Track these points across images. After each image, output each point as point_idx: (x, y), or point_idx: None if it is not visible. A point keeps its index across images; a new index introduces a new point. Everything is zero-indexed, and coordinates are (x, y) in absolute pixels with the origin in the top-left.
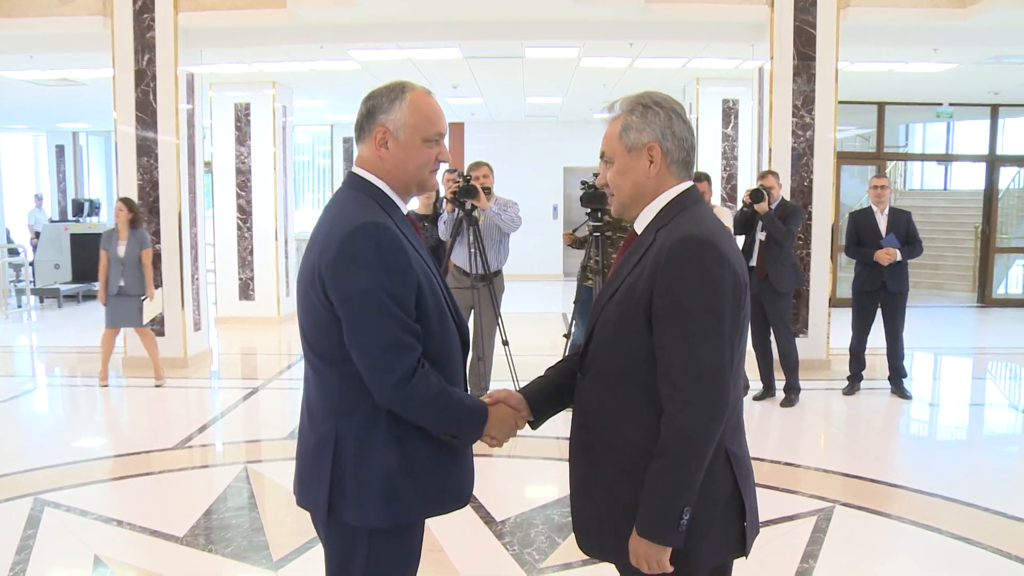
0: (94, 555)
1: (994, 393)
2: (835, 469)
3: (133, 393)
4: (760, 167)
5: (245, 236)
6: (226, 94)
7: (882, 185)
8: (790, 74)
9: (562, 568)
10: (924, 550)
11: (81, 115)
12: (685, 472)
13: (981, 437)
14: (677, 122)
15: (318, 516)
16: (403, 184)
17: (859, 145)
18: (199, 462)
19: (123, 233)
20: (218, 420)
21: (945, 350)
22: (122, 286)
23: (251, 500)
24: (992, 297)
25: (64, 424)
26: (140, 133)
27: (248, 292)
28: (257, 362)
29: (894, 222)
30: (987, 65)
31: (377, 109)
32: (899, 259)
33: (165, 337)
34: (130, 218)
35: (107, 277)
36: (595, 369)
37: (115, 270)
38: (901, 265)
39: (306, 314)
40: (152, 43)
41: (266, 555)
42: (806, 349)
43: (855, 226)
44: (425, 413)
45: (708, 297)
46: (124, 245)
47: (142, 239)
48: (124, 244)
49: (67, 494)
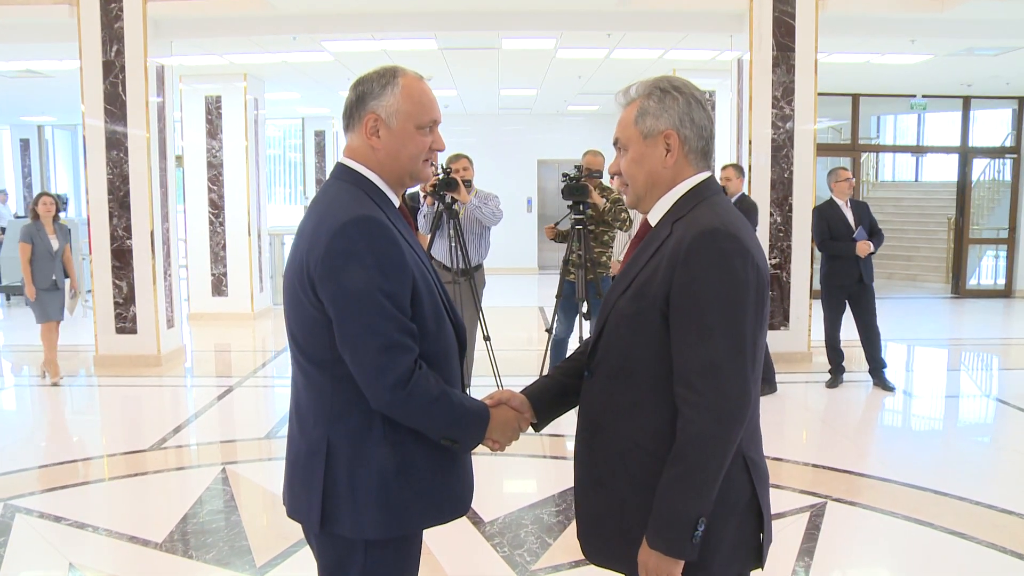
0: (69, 562)
1: (969, 384)
2: (823, 463)
3: (105, 393)
4: (739, 159)
5: (217, 231)
6: (197, 86)
7: (851, 178)
8: (770, 65)
9: (553, 570)
10: (919, 546)
11: (47, 108)
12: (701, 480)
13: (960, 428)
14: (697, 109)
15: (310, 528)
16: (396, 175)
17: (831, 137)
18: (175, 464)
19: (50, 227)
20: (193, 420)
21: (920, 341)
22: (54, 279)
23: (231, 503)
24: (966, 288)
25: (33, 426)
26: (109, 126)
27: (221, 288)
28: (232, 359)
29: (858, 214)
30: (960, 57)
31: (367, 95)
32: (872, 251)
33: (137, 335)
34: (55, 212)
35: (32, 271)
36: (604, 368)
37: (47, 264)
38: (870, 257)
39: (294, 314)
40: (120, 33)
41: (249, 560)
42: (787, 342)
43: (825, 220)
44: (424, 417)
45: (729, 294)
46: (55, 239)
47: (67, 232)
48: (55, 238)
49: (39, 499)
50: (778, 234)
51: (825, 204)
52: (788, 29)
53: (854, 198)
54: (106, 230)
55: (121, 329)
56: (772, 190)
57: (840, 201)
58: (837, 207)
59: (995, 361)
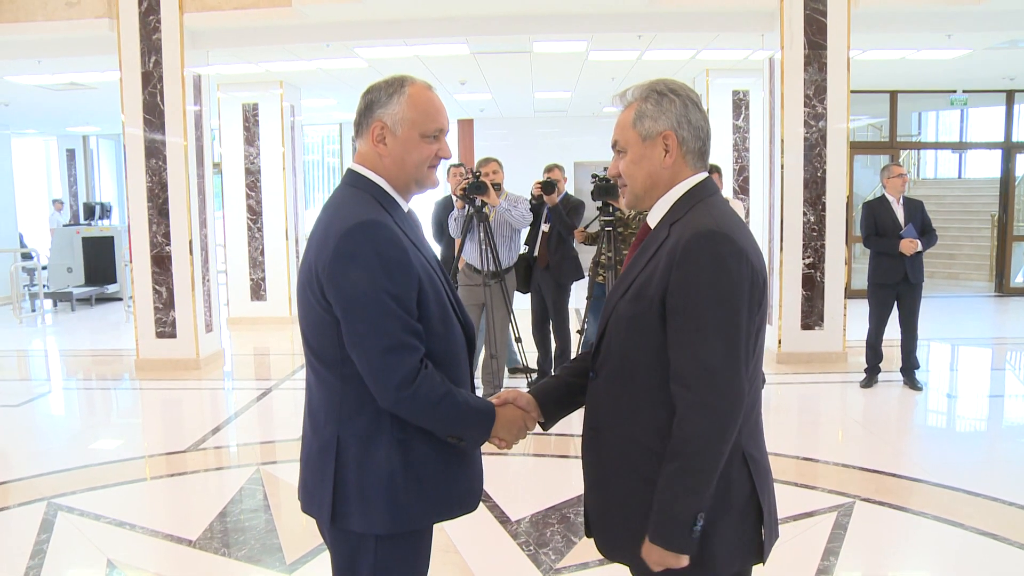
0: (107, 559)
1: (1014, 384)
2: (854, 463)
3: (147, 395)
4: (772, 158)
5: (256, 236)
6: (234, 94)
7: (904, 174)
8: (801, 63)
9: (579, 568)
10: (948, 546)
11: (90, 118)
12: (698, 476)
13: (1002, 429)
14: (693, 110)
15: (323, 523)
16: (403, 181)
17: (871, 135)
18: (212, 464)
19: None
20: (231, 421)
21: (963, 340)
22: None
23: (264, 502)
24: (1010, 286)
25: (77, 428)
26: (148, 135)
27: (260, 292)
28: (270, 362)
29: (910, 211)
30: (1002, 50)
31: (375, 104)
32: (920, 249)
33: (177, 339)
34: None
35: None
36: (608, 368)
37: None
38: (919, 255)
39: (305, 315)
40: (158, 45)
41: (279, 558)
42: (822, 341)
43: (873, 216)
44: (430, 416)
45: (724, 293)
46: None
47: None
48: None
49: (80, 498)
50: (811, 233)
51: (876, 200)
52: (820, 27)
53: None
54: (146, 236)
55: (161, 334)
56: (805, 189)
57: (892, 197)
58: (887, 203)
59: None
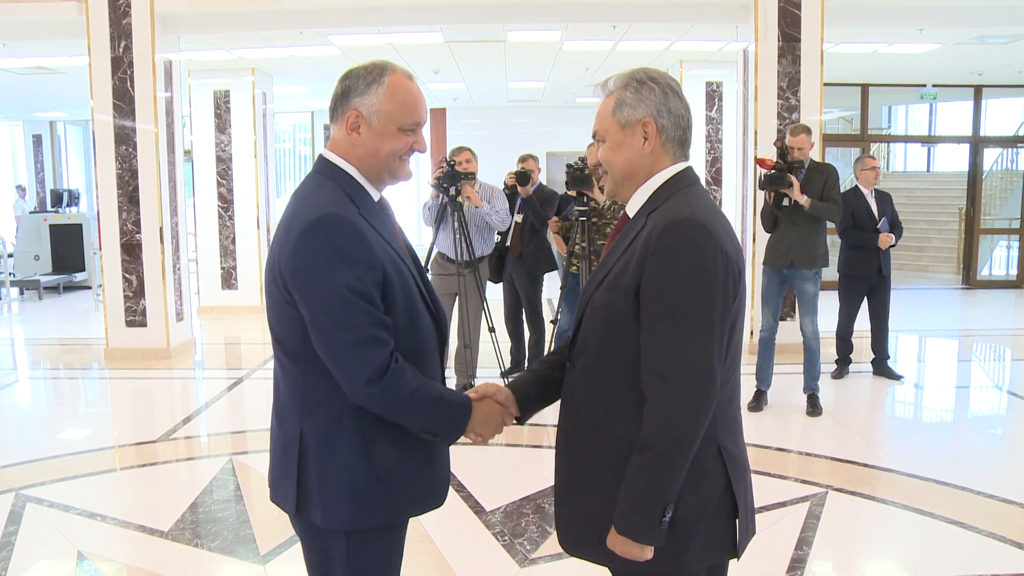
0: (77, 551)
1: (980, 375)
2: (826, 454)
3: (116, 385)
4: (746, 150)
5: (227, 225)
6: (205, 81)
7: (877, 166)
8: (775, 56)
9: (553, 558)
10: (919, 535)
11: (58, 104)
12: (668, 468)
13: (969, 420)
14: (673, 99)
15: (289, 515)
16: (375, 171)
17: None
18: (184, 454)
19: None
20: (202, 411)
21: (931, 332)
22: None
23: (237, 492)
24: (977, 279)
25: (46, 418)
26: (118, 122)
27: (231, 281)
28: (241, 352)
29: (882, 204)
30: (971, 45)
31: (352, 91)
32: (893, 244)
33: (147, 328)
34: None
35: None
36: (584, 359)
37: None
38: (890, 248)
39: (272, 307)
40: (128, 29)
41: (253, 549)
42: (794, 332)
43: (850, 208)
44: (403, 411)
45: (698, 283)
46: None
47: None
48: None
49: (49, 489)
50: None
51: (850, 192)
52: (794, 19)
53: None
54: (116, 224)
55: (131, 322)
56: None
57: (865, 190)
58: (862, 195)
59: (1007, 352)
